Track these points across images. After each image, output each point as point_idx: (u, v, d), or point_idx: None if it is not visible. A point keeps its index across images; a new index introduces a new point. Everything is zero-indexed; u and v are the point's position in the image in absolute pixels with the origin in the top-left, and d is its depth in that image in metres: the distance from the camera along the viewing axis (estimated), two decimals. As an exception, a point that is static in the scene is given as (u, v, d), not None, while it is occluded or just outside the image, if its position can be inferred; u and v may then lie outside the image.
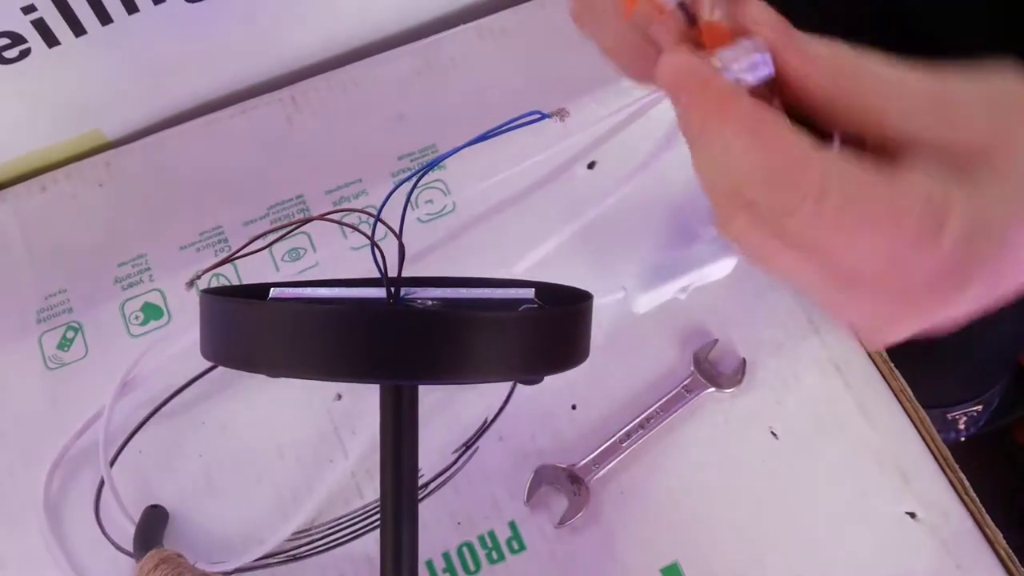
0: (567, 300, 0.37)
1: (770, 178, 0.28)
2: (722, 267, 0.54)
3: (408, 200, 0.36)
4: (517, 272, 0.56)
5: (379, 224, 0.35)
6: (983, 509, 0.51)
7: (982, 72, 0.30)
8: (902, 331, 0.32)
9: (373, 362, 0.32)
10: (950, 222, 0.28)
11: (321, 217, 0.36)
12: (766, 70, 0.29)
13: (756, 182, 0.29)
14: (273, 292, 0.39)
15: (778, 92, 0.30)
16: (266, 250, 0.59)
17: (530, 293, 0.37)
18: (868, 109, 0.30)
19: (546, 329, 0.34)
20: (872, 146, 0.31)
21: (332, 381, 0.53)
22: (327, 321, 0.32)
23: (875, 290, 0.30)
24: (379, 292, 0.38)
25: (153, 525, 0.51)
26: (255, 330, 0.33)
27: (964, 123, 0.29)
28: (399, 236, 0.36)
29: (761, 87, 0.29)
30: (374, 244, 0.35)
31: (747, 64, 0.29)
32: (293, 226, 0.37)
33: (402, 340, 0.31)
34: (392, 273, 0.36)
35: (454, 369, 0.32)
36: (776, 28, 0.29)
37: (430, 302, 0.37)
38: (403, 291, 0.38)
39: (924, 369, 0.61)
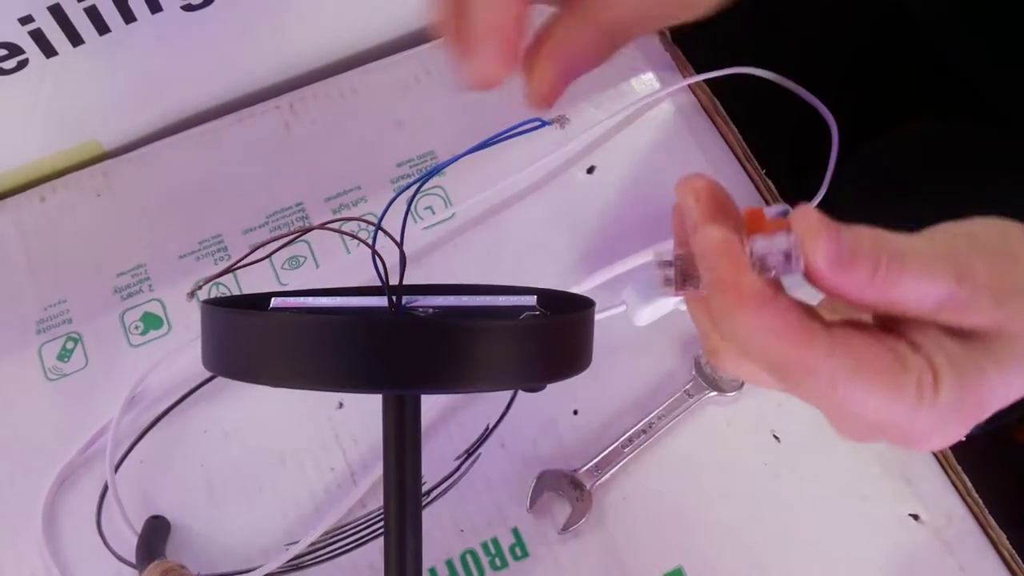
0: (569, 307, 0.37)
1: (783, 369, 0.30)
2: None
3: (409, 208, 0.36)
4: (584, 288, 0.56)
5: (380, 232, 0.35)
6: (986, 510, 0.51)
7: (986, 230, 0.32)
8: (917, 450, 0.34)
9: (375, 372, 0.32)
10: (944, 384, 0.30)
11: (322, 226, 0.36)
12: (796, 270, 0.29)
13: (768, 366, 0.30)
14: (274, 302, 0.39)
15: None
16: (268, 263, 0.59)
17: (532, 300, 0.37)
18: (894, 303, 0.31)
19: (548, 336, 0.34)
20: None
21: (334, 391, 0.52)
22: (328, 331, 0.32)
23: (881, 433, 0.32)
24: (381, 301, 0.38)
25: (156, 536, 0.51)
26: (256, 341, 0.33)
27: (974, 310, 0.30)
28: (400, 244, 0.35)
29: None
30: (375, 253, 0.35)
31: (778, 261, 0.29)
32: (294, 235, 0.36)
33: (404, 349, 0.31)
34: (394, 281, 0.36)
35: (456, 378, 0.32)
36: (819, 233, 0.29)
37: (431, 310, 0.37)
38: (404, 299, 0.38)
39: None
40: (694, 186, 0.31)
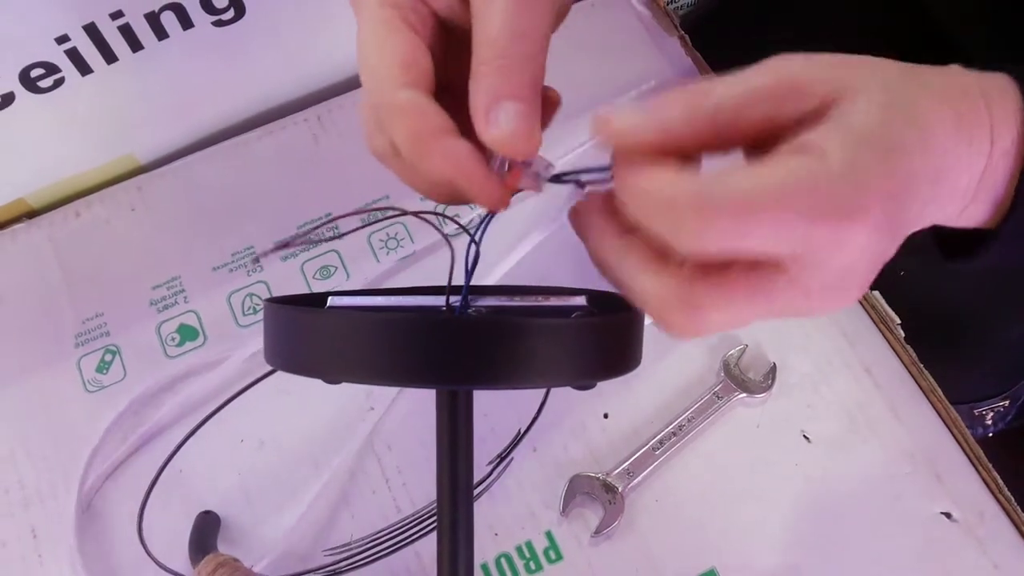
0: (616, 307, 0.38)
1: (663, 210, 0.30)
2: None
3: (490, 217, 0.36)
4: (494, 277, 0.57)
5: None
6: (1018, 508, 0.51)
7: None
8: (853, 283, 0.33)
9: (432, 368, 0.33)
10: (828, 172, 0.29)
11: (415, 214, 0.37)
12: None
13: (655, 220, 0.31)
14: (331, 300, 0.40)
15: None
16: (298, 267, 0.60)
17: (582, 300, 0.38)
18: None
19: (599, 335, 0.35)
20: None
21: (389, 385, 0.53)
22: (387, 328, 0.33)
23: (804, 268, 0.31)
24: (433, 300, 0.39)
25: (207, 530, 0.52)
26: (318, 337, 0.34)
27: (809, 93, 0.31)
28: (477, 244, 0.36)
29: None
30: (452, 250, 0.36)
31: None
32: (390, 217, 0.38)
33: (460, 346, 0.32)
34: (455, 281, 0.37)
35: (509, 375, 0.33)
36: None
37: (483, 310, 0.38)
38: (456, 299, 0.39)
39: (949, 366, 0.61)
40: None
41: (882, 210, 0.30)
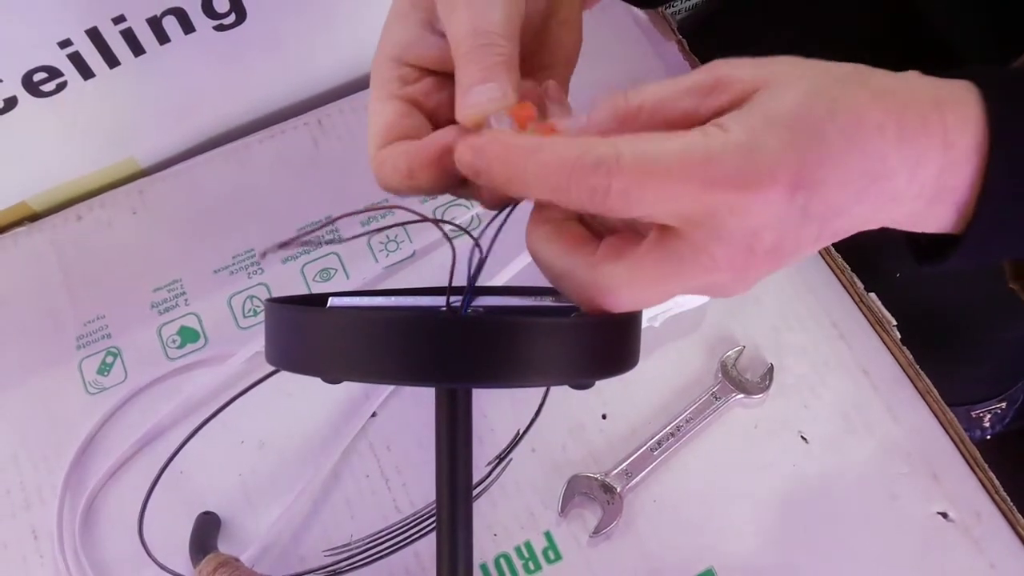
0: None
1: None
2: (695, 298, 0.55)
3: (505, 220, 0.37)
4: (503, 279, 0.57)
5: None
6: (1014, 508, 0.51)
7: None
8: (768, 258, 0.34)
9: (428, 365, 0.33)
10: (725, 143, 0.31)
11: (426, 219, 0.38)
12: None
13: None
14: (332, 301, 0.40)
15: None
16: (299, 269, 0.61)
17: None
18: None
19: (597, 334, 0.35)
20: None
21: (389, 384, 0.54)
22: (387, 327, 0.33)
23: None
24: (433, 300, 0.39)
25: (208, 530, 0.52)
26: (319, 336, 0.34)
27: (730, 87, 0.32)
28: (483, 250, 0.37)
29: None
30: (454, 250, 0.36)
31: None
32: (412, 220, 0.39)
33: (459, 345, 0.33)
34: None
35: (508, 373, 0.33)
36: None
37: (481, 309, 0.38)
38: (454, 298, 0.39)
39: (946, 368, 0.61)
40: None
41: (785, 185, 0.31)
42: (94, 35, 0.54)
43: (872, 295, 0.57)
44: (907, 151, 0.32)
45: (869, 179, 0.32)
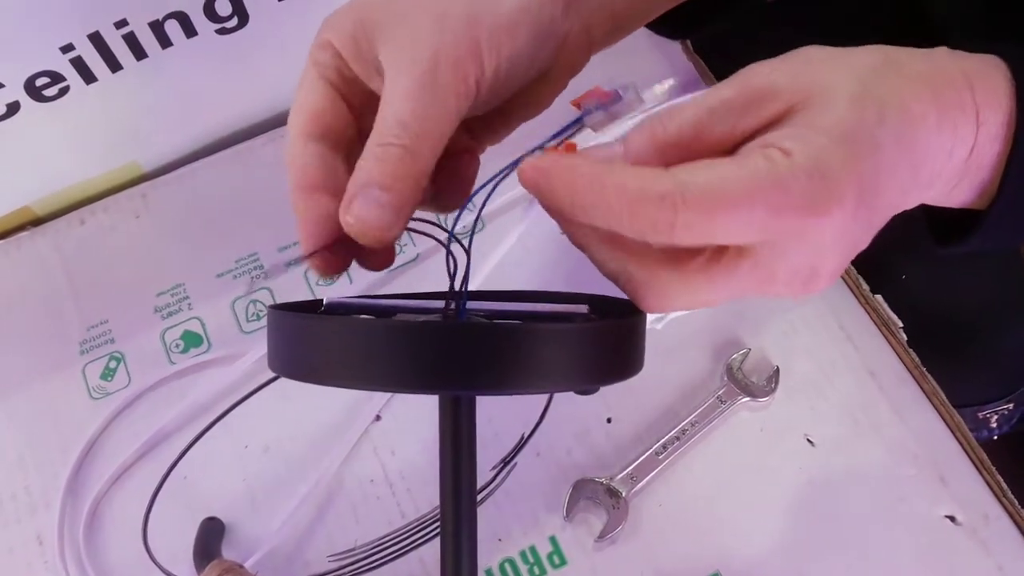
0: (620, 312, 0.38)
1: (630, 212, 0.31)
2: None
3: (478, 216, 0.37)
4: (479, 281, 0.58)
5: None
6: (1022, 510, 0.51)
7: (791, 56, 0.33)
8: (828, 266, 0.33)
9: (435, 373, 0.33)
10: (792, 168, 0.30)
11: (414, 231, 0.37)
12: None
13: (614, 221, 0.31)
14: (327, 300, 0.40)
15: None
16: (302, 273, 0.60)
17: (583, 308, 0.38)
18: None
19: (601, 340, 0.35)
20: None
21: (392, 392, 0.54)
22: (389, 334, 0.33)
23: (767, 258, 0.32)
24: (434, 305, 0.39)
25: (212, 536, 0.52)
26: (321, 343, 0.34)
27: (773, 100, 0.32)
28: (468, 251, 0.36)
29: None
30: (450, 253, 0.36)
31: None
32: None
33: (462, 351, 0.32)
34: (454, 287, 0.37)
35: (512, 380, 0.33)
36: None
37: (483, 315, 0.38)
38: (457, 303, 0.39)
39: (953, 369, 0.61)
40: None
41: (851, 203, 0.31)
42: (96, 39, 0.54)
43: (878, 297, 0.57)
44: (946, 135, 0.32)
45: (914, 170, 0.32)
